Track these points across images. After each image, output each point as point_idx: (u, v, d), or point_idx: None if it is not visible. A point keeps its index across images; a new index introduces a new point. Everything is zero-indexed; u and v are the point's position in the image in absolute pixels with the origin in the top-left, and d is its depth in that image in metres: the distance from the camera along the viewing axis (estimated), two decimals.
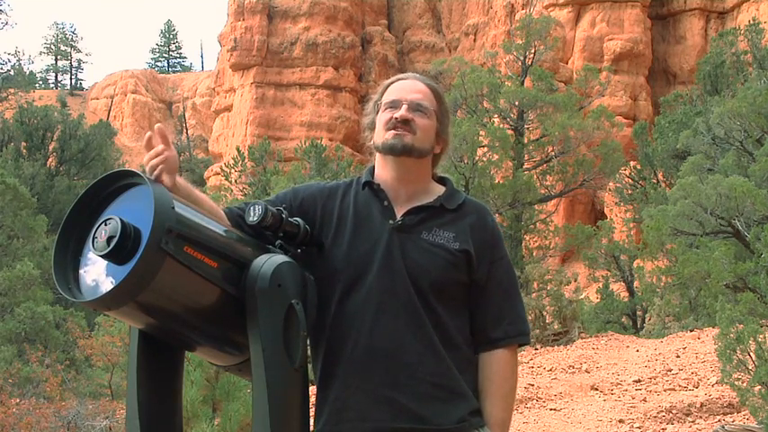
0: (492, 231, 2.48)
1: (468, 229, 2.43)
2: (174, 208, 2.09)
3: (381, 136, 2.45)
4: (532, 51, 24.60)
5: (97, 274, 2.11)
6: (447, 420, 2.34)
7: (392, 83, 2.53)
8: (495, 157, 20.50)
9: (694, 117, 24.30)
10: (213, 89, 54.33)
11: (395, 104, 2.44)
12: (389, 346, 2.32)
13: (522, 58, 24.68)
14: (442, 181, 2.56)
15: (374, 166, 2.52)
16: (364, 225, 2.42)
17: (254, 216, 2.30)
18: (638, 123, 31.28)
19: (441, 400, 2.34)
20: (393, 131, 2.42)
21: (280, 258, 2.26)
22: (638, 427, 9.53)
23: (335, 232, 2.43)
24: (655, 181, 27.09)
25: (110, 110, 66.18)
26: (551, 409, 10.66)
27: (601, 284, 20.32)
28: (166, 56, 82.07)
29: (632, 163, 28.25)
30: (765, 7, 35.21)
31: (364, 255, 2.38)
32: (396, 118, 2.42)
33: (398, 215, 2.43)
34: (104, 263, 2.09)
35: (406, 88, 2.48)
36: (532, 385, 11.61)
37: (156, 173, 2.16)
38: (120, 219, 2.06)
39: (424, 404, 2.32)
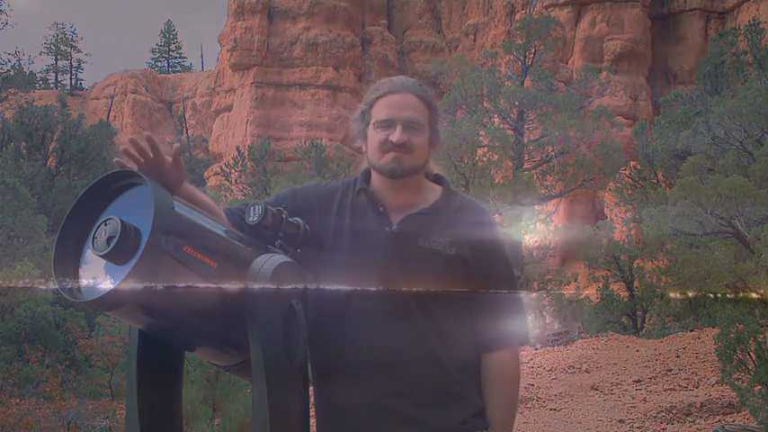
0: (489, 233, 2.44)
1: (465, 233, 2.39)
2: (173, 208, 2.09)
3: (378, 157, 2.39)
4: (532, 51, 24.57)
5: (97, 273, 2.11)
6: (449, 423, 2.33)
7: (382, 95, 2.42)
8: (495, 157, 20.50)
9: (694, 117, 24.25)
10: (213, 89, 54.30)
11: (388, 124, 2.37)
12: (389, 355, 2.31)
13: (522, 58, 24.64)
14: (437, 179, 2.51)
15: (368, 170, 2.48)
16: (361, 232, 2.39)
17: (254, 216, 2.30)
18: (638, 123, 31.23)
19: (442, 405, 2.33)
20: (391, 154, 2.36)
21: (280, 258, 2.25)
22: (638, 427, 9.52)
23: (333, 237, 2.41)
24: (655, 181, 27.04)
25: (110, 110, 66.13)
26: (551, 409, 10.65)
27: (601, 284, 20.29)
28: (166, 56, 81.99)
29: (632, 163, 28.19)
30: (765, 7, 35.19)
31: (362, 263, 2.36)
32: (392, 141, 2.36)
33: (394, 222, 2.39)
34: (104, 263, 2.08)
35: (398, 104, 2.39)
36: (532, 385, 11.60)
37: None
38: (120, 219, 2.06)
39: (425, 410, 2.32)
